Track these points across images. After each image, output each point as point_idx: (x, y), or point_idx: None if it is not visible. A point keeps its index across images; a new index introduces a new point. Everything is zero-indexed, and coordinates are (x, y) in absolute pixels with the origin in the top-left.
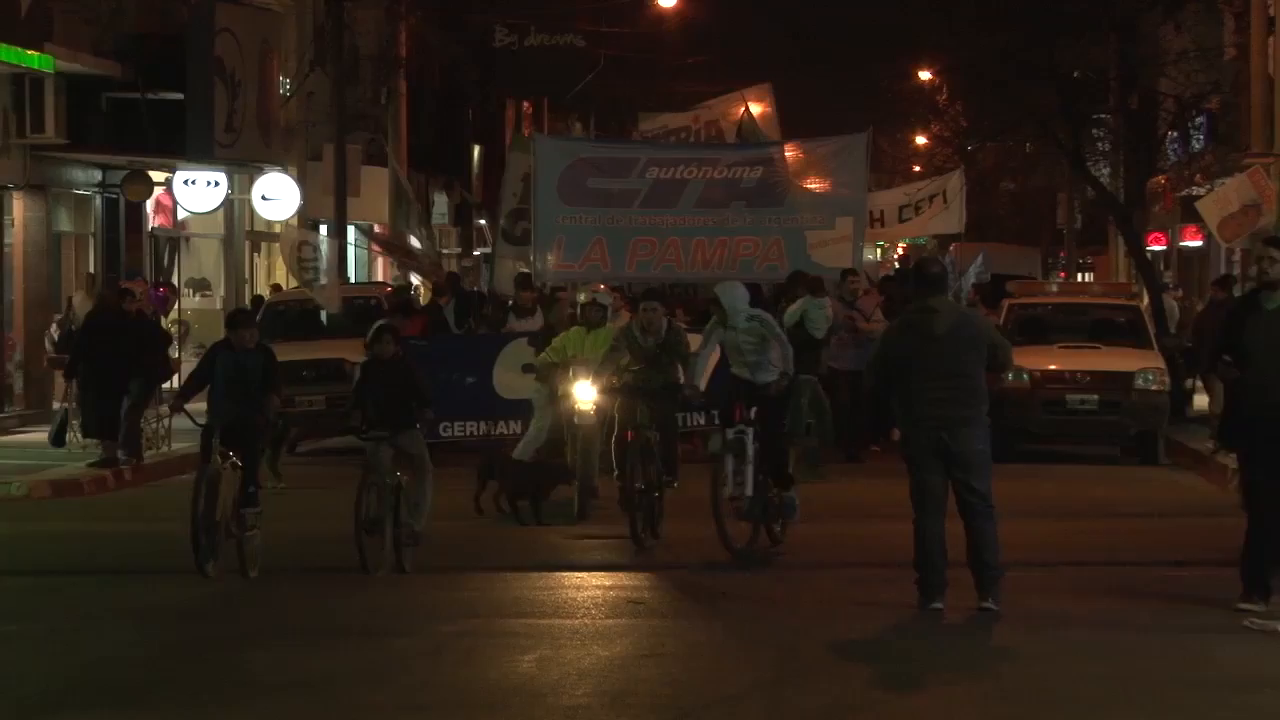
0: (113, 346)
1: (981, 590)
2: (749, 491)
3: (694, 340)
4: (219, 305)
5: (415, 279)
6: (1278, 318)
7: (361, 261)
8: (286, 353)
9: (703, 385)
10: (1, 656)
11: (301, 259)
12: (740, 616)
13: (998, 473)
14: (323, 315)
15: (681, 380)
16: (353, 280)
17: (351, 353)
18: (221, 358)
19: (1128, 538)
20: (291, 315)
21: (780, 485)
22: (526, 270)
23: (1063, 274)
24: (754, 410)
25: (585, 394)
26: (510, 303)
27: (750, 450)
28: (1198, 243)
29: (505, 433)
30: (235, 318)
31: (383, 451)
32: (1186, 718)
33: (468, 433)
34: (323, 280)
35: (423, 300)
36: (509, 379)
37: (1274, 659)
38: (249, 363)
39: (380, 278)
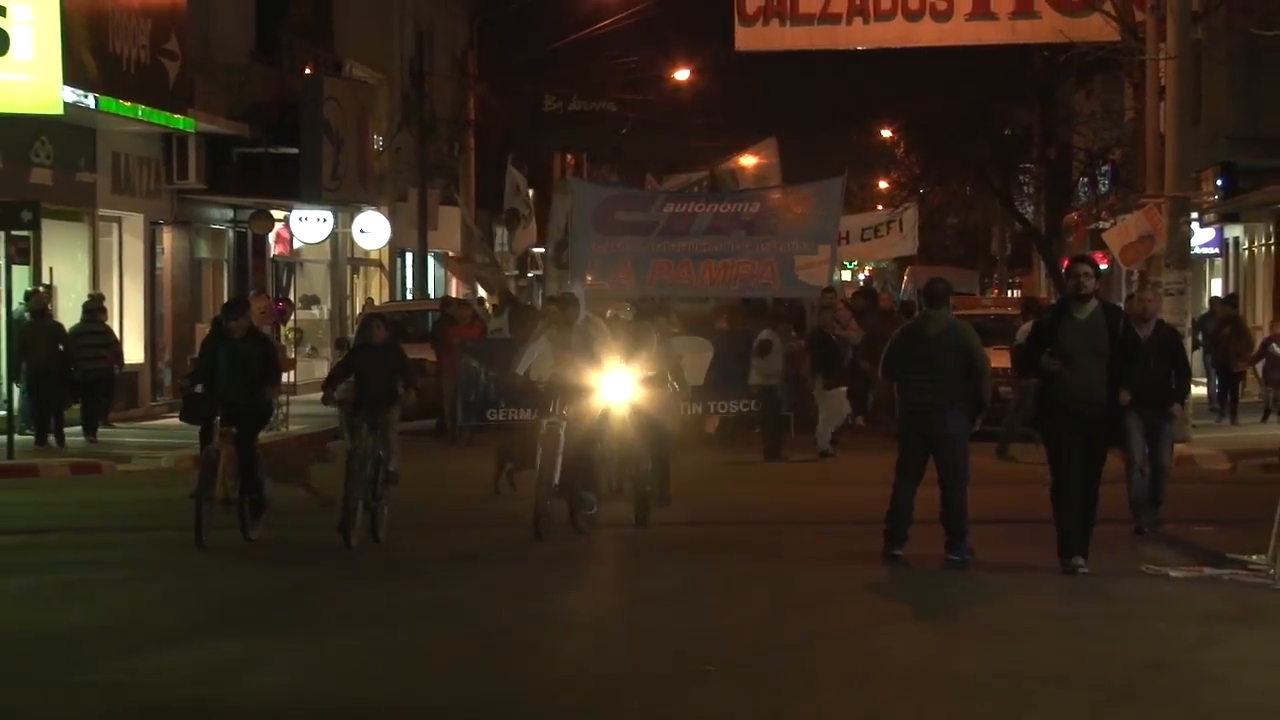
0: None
1: (950, 545)
2: (556, 480)
3: (689, 343)
4: (325, 316)
5: (482, 292)
6: (1088, 325)
7: (439, 280)
8: None
9: (520, 370)
10: (149, 594)
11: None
12: (736, 564)
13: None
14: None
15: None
16: (430, 295)
17: (429, 354)
18: (222, 347)
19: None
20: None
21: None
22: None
23: (995, 290)
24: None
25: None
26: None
27: (562, 439)
28: (1104, 266)
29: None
30: (229, 308)
31: (365, 430)
32: (1091, 638)
33: (510, 417)
34: None
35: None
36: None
37: (1164, 595)
38: (245, 350)
39: (454, 293)
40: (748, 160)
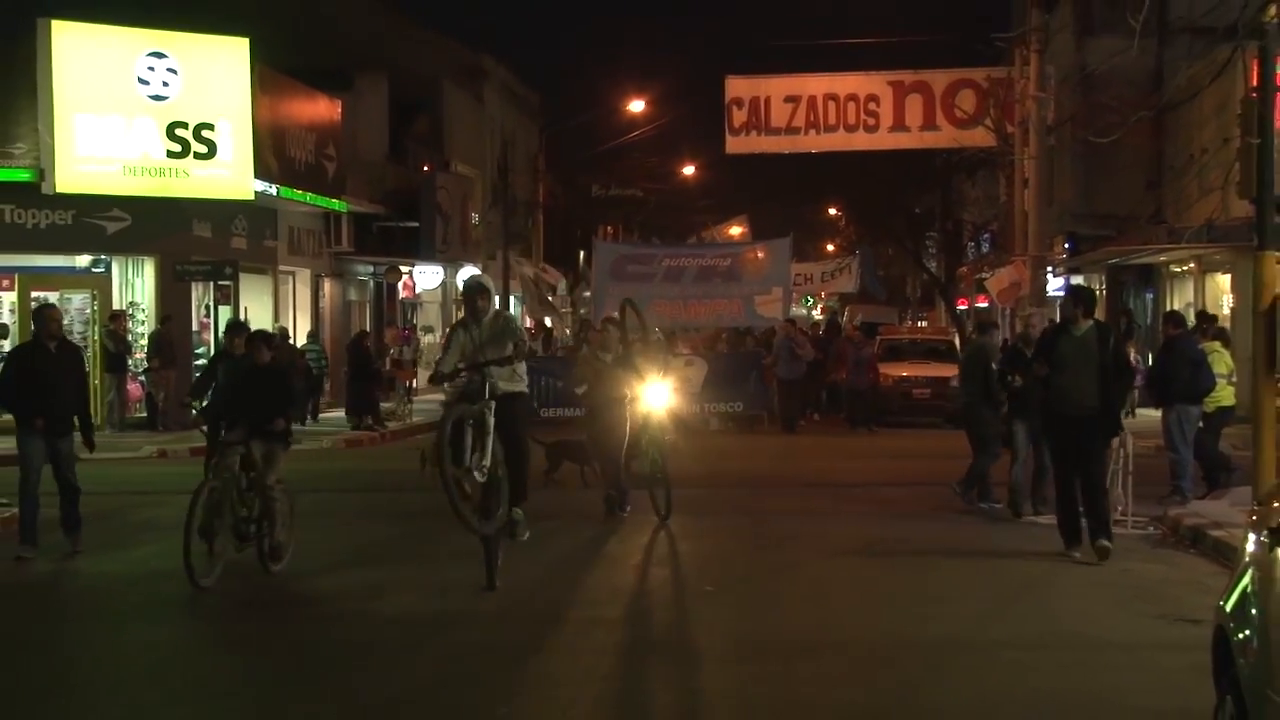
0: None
1: (980, 499)
2: (487, 461)
3: (692, 361)
4: (438, 340)
5: (549, 321)
6: (1084, 341)
7: (516, 313)
8: None
9: (446, 369)
10: (312, 537)
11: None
12: (729, 530)
13: (891, 435)
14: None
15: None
16: None
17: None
18: (223, 364)
19: (960, 472)
20: None
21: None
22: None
23: (910, 323)
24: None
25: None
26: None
27: (490, 423)
28: (985, 304)
29: (576, 414)
30: (230, 327)
31: (233, 456)
32: (978, 569)
33: (555, 414)
34: None
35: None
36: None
37: (1033, 537)
38: (243, 365)
39: (527, 324)
40: (734, 230)
